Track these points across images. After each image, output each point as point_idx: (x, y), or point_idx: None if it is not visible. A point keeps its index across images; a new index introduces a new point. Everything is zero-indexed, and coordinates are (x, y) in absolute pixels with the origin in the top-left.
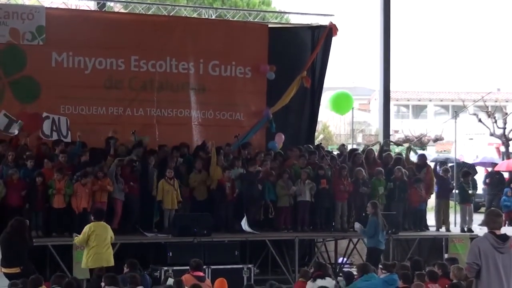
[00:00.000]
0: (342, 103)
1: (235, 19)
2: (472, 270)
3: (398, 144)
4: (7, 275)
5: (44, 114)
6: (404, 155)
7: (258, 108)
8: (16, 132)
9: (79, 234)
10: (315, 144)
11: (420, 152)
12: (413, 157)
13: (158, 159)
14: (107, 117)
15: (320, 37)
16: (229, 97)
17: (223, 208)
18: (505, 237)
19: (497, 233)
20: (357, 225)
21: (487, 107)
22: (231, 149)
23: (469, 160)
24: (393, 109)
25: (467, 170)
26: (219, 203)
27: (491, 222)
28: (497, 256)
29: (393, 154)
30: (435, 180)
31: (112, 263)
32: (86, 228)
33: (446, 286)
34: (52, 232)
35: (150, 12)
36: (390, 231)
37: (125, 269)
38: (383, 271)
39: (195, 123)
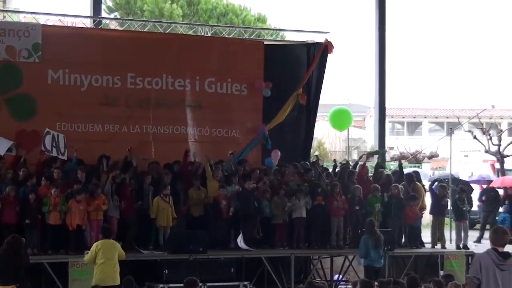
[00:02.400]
0: (341, 119)
1: (230, 36)
2: (472, 285)
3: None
4: None
5: (46, 130)
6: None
7: (254, 125)
8: (12, 147)
9: (76, 251)
10: (311, 160)
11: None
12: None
13: (153, 177)
14: (103, 134)
15: (315, 54)
16: (225, 114)
17: (218, 225)
18: (507, 255)
19: (500, 250)
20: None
21: (482, 124)
22: (226, 167)
23: (464, 177)
24: (388, 126)
25: (462, 187)
26: (215, 220)
27: (499, 239)
28: (498, 272)
29: (388, 171)
30: (429, 197)
31: (117, 281)
32: (94, 246)
33: None
34: (47, 249)
35: (146, 30)
36: (386, 248)
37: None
38: None
39: (191, 140)
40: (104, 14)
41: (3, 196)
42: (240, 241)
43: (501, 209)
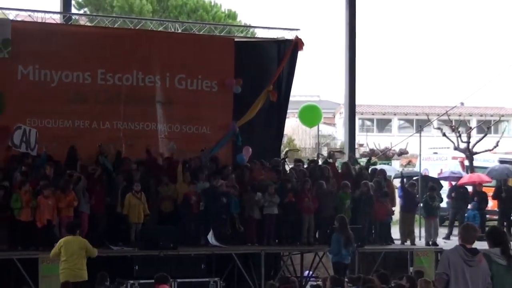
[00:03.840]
0: (311, 115)
1: (201, 32)
2: (442, 281)
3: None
4: None
5: (17, 124)
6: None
7: (225, 121)
8: None
9: (46, 247)
10: (282, 157)
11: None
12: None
13: (124, 173)
14: (73, 130)
15: (286, 51)
16: (195, 110)
17: (189, 221)
18: (475, 251)
19: (468, 247)
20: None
21: (451, 121)
22: (203, 163)
23: (434, 174)
24: (358, 122)
25: (433, 185)
26: (185, 216)
27: (469, 236)
28: (466, 269)
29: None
30: (399, 193)
31: (84, 277)
32: (58, 242)
33: None
34: (17, 245)
35: (116, 26)
36: (355, 245)
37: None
38: (349, 284)
39: (162, 136)
40: (74, 9)
41: None
42: (210, 237)
43: (469, 206)
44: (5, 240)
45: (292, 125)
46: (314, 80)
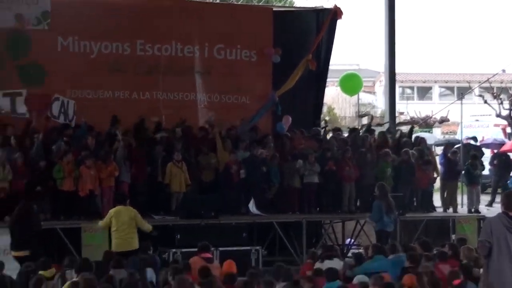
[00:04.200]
0: (352, 84)
1: (239, 2)
2: (484, 248)
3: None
4: (17, 259)
5: (55, 95)
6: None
7: (264, 91)
8: (25, 111)
9: (88, 217)
10: (321, 126)
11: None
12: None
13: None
14: (113, 101)
15: (324, 20)
16: (234, 80)
17: (230, 191)
18: None
19: (510, 214)
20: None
21: (493, 88)
22: (239, 132)
23: (476, 142)
24: (398, 91)
25: (474, 153)
26: (226, 185)
27: (511, 203)
28: (509, 236)
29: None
30: (440, 161)
31: (135, 246)
32: (109, 213)
33: (456, 267)
34: (59, 215)
35: None
36: (397, 213)
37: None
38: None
39: (201, 106)
40: None
41: (12, 163)
42: (251, 206)
43: None
44: (48, 210)
45: (332, 94)
46: (353, 48)
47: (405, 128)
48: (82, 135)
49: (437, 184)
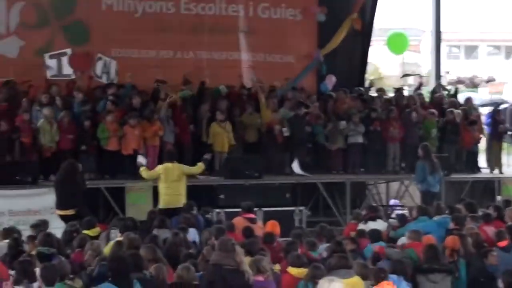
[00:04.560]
0: (399, 42)
1: None
2: None
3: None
4: (62, 217)
5: (98, 55)
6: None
7: (309, 50)
8: (70, 72)
9: (133, 176)
10: (366, 86)
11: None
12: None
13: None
14: (157, 60)
15: None
16: (279, 39)
17: (273, 151)
18: None
19: None
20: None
21: None
22: (281, 92)
23: None
24: (444, 50)
25: None
26: (269, 145)
27: None
28: None
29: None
30: (486, 121)
31: (181, 203)
32: (157, 168)
33: (501, 228)
34: (104, 174)
35: None
36: (442, 173)
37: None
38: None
39: (246, 65)
40: None
41: (59, 122)
42: (295, 166)
43: None
44: (93, 169)
45: (377, 53)
46: (399, 7)
47: (451, 88)
48: (126, 94)
49: (483, 144)
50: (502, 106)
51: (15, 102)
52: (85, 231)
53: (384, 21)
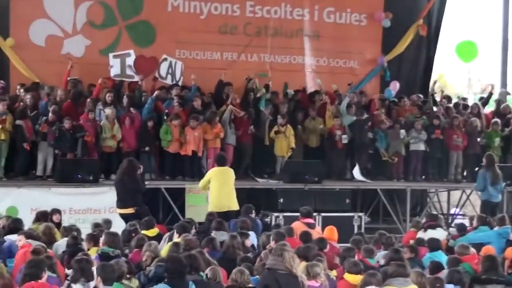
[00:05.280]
0: (468, 50)
1: None
2: None
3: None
4: (122, 216)
5: (163, 56)
6: None
7: (373, 55)
8: (133, 73)
9: (192, 177)
10: (431, 92)
11: None
12: None
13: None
14: (222, 62)
15: None
16: (343, 44)
17: (334, 156)
18: None
19: None
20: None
21: None
22: (345, 97)
23: None
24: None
25: None
26: (331, 150)
27: None
28: None
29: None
30: None
31: (234, 207)
32: (208, 173)
33: None
34: (164, 175)
35: None
36: (504, 184)
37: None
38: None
39: (309, 70)
40: None
41: (122, 121)
42: (356, 172)
43: None
44: (153, 169)
45: (443, 61)
46: (466, 15)
47: None
48: (191, 96)
49: None
50: None
51: (80, 101)
52: (143, 232)
53: (450, 29)
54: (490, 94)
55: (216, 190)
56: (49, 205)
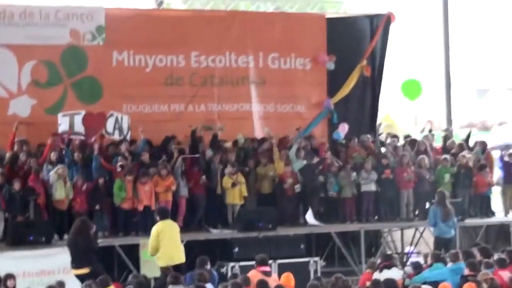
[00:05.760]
0: (412, 89)
1: (292, 10)
2: None
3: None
4: (77, 276)
5: (110, 112)
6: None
7: (319, 99)
8: (82, 131)
9: (146, 232)
10: (378, 132)
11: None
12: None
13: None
14: (169, 114)
15: (378, 26)
16: (289, 89)
17: (287, 201)
18: None
19: None
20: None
21: None
22: (293, 142)
23: None
24: (456, 92)
25: None
26: (283, 196)
27: None
28: None
29: (456, 140)
30: (499, 165)
31: (182, 259)
32: (155, 230)
33: None
34: (118, 231)
35: (208, 7)
36: (456, 219)
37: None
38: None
39: (256, 116)
40: None
41: (73, 180)
42: (309, 216)
43: None
44: (106, 227)
45: (389, 100)
46: (409, 54)
47: (462, 131)
48: (140, 151)
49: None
50: None
51: (28, 162)
52: None
53: (396, 68)
54: (430, 130)
55: (165, 244)
56: (3, 270)
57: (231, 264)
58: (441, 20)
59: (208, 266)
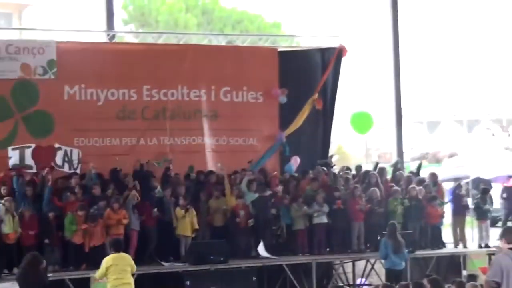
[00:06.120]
0: (362, 122)
1: (245, 44)
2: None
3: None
4: None
5: (57, 145)
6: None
7: (271, 132)
8: (32, 164)
9: (97, 266)
10: (330, 165)
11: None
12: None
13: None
14: (121, 148)
15: (330, 59)
16: (241, 122)
17: (239, 234)
18: None
19: None
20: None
21: (502, 121)
22: (245, 175)
23: (485, 176)
24: (407, 125)
25: (485, 187)
26: (235, 229)
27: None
28: None
29: (406, 172)
30: (450, 197)
31: None
32: (104, 262)
33: None
34: (69, 266)
35: (160, 41)
36: (407, 251)
37: None
38: None
39: (209, 150)
40: (120, 26)
41: (21, 215)
42: (261, 249)
43: None
44: (57, 261)
45: (341, 132)
46: (361, 85)
47: (414, 164)
48: (91, 184)
49: (448, 219)
50: (464, 181)
51: None
52: None
53: (347, 100)
54: (376, 164)
55: (115, 277)
56: None
57: None
58: (391, 54)
59: None
